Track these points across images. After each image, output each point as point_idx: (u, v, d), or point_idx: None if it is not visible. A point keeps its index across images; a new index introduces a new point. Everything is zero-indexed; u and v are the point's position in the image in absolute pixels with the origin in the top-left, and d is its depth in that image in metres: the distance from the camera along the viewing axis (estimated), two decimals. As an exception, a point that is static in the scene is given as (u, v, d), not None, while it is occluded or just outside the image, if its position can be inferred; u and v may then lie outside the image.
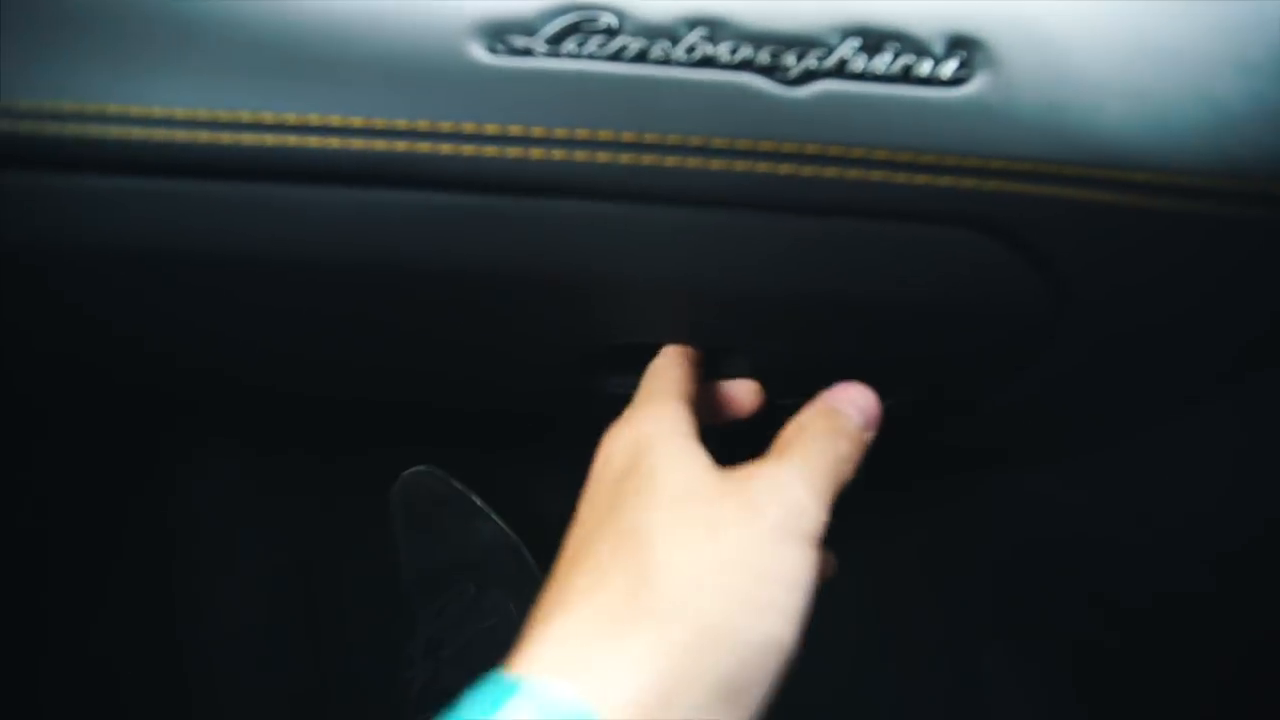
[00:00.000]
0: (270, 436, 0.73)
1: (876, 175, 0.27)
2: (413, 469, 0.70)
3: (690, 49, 0.29)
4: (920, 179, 0.27)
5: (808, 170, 0.27)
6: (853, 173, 0.27)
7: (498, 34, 0.29)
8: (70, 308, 0.37)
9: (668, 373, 0.34)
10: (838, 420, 0.31)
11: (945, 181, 0.27)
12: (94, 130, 0.28)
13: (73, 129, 0.28)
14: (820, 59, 0.28)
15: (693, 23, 0.29)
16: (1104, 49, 0.28)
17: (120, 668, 0.67)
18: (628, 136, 0.28)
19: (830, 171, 0.27)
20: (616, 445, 0.30)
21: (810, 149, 0.27)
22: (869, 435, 0.31)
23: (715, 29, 0.29)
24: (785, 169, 0.27)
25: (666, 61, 0.29)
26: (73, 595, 0.67)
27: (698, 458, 0.28)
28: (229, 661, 0.71)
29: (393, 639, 0.70)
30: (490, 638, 0.67)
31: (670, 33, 0.29)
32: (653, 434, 0.30)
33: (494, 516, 0.71)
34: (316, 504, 0.75)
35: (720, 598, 0.24)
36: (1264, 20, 0.31)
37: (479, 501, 0.71)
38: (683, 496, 0.27)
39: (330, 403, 0.57)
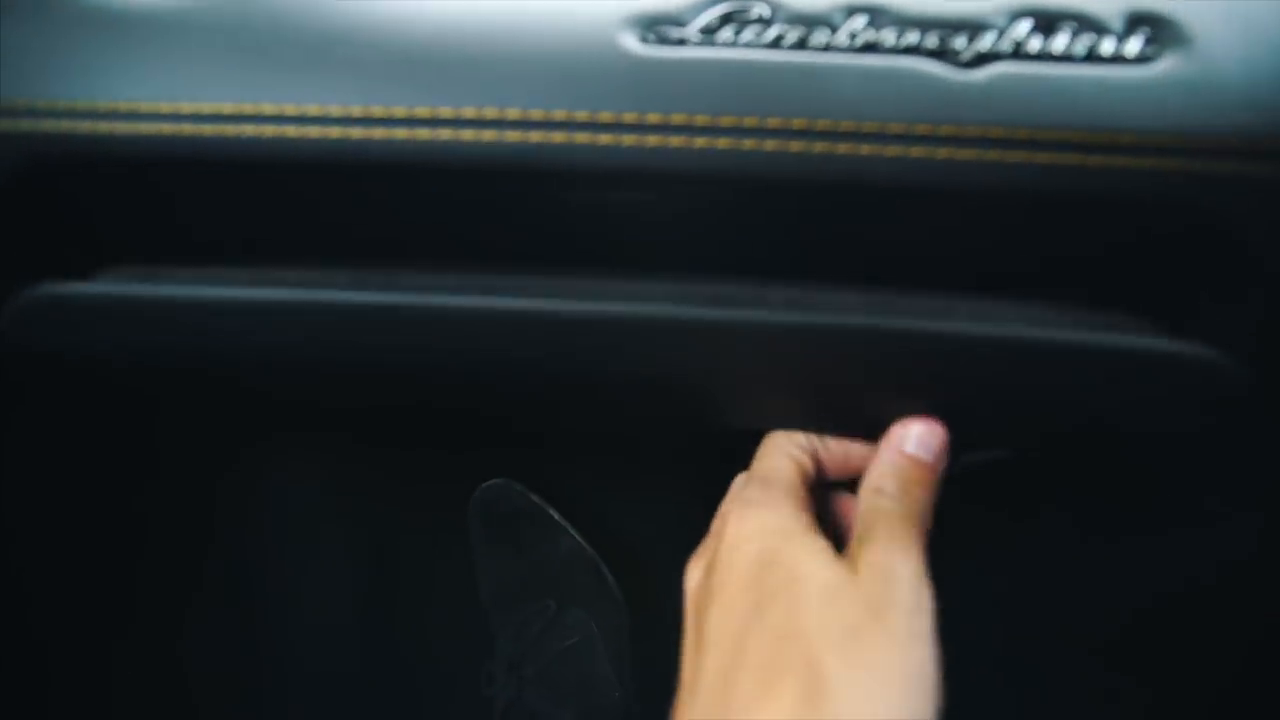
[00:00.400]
0: (357, 433, 0.72)
1: (1069, 159, 0.26)
2: (490, 482, 0.69)
3: (853, 34, 0.28)
4: (1119, 161, 0.25)
5: (992, 155, 0.26)
6: (1042, 156, 0.26)
7: (650, 25, 0.28)
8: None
9: (787, 452, 0.34)
10: (911, 471, 0.31)
11: (1148, 163, 0.25)
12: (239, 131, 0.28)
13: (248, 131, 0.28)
14: (994, 40, 0.27)
15: (850, 10, 0.28)
16: None
17: (201, 657, 0.67)
18: (798, 123, 0.27)
19: (1017, 156, 0.26)
20: (744, 531, 0.31)
21: (995, 132, 0.26)
22: (941, 467, 0.32)
23: (875, 16, 0.28)
24: (967, 154, 0.26)
25: (828, 49, 0.28)
26: (160, 583, 0.67)
27: (826, 551, 0.29)
28: (308, 655, 0.71)
29: (472, 638, 0.69)
30: (572, 657, 0.66)
31: (827, 21, 0.28)
32: (786, 529, 0.30)
33: (573, 531, 0.70)
34: (400, 498, 0.75)
35: (881, 706, 0.25)
36: None
37: (557, 516, 0.70)
38: (828, 597, 0.27)
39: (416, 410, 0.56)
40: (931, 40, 0.27)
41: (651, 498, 0.73)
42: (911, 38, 0.27)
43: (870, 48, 0.27)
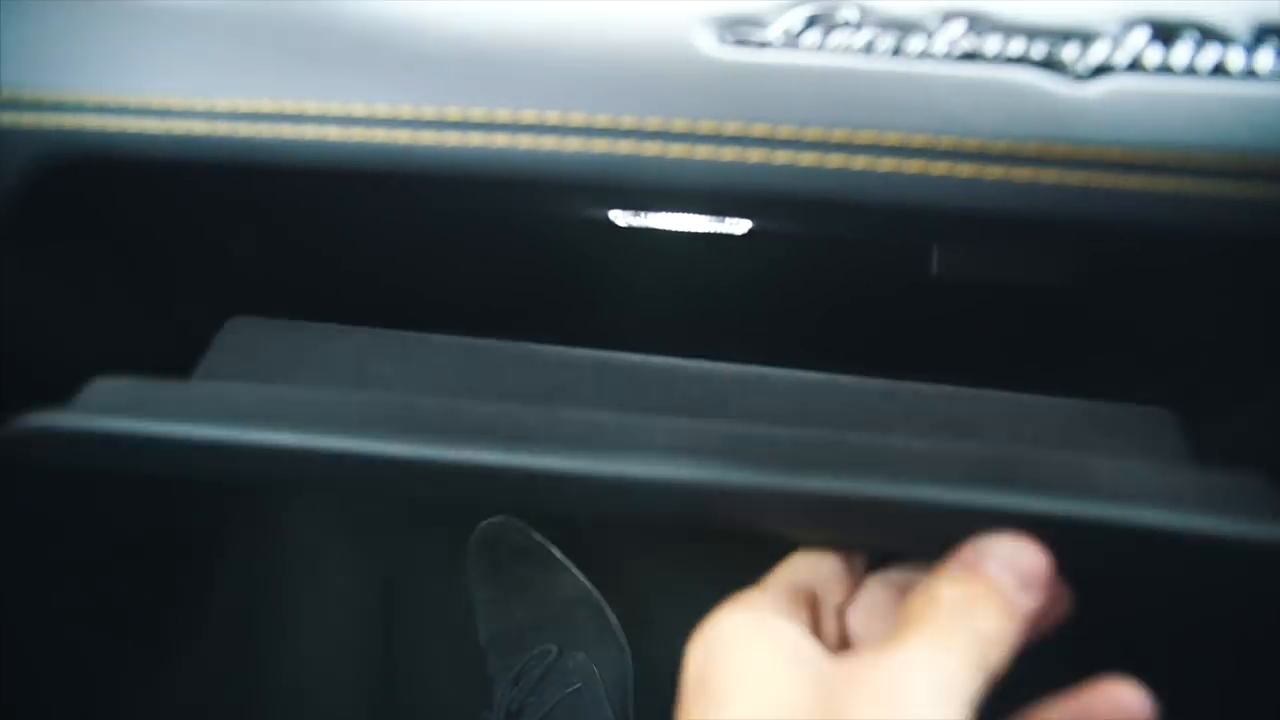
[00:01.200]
0: None
1: (1202, 186, 0.23)
2: (491, 519, 0.65)
3: (952, 42, 0.25)
4: (1258, 190, 0.23)
5: (1108, 179, 0.23)
6: (1166, 183, 0.23)
7: (729, 25, 0.25)
8: None
9: (799, 569, 0.26)
10: (981, 585, 0.23)
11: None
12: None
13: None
14: (1110, 51, 0.24)
15: (947, 15, 0.26)
16: None
17: (202, 688, 0.64)
18: (891, 139, 0.24)
19: (1135, 181, 0.23)
20: (710, 628, 0.24)
21: (1114, 154, 0.23)
22: (1030, 603, 0.23)
23: (975, 22, 0.25)
24: (1077, 178, 0.24)
25: (925, 56, 0.25)
26: (164, 613, 0.64)
27: (783, 653, 0.22)
28: (309, 690, 0.67)
29: (475, 681, 0.65)
30: (574, 704, 0.62)
31: (922, 26, 0.25)
32: (753, 626, 0.23)
33: (575, 570, 0.66)
34: (410, 532, 0.72)
35: None
36: None
37: (559, 554, 0.66)
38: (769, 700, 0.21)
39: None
40: (1039, 49, 0.25)
41: (658, 534, 0.70)
42: (1017, 46, 0.25)
43: (971, 56, 0.25)
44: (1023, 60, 0.25)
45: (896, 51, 0.25)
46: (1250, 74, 0.24)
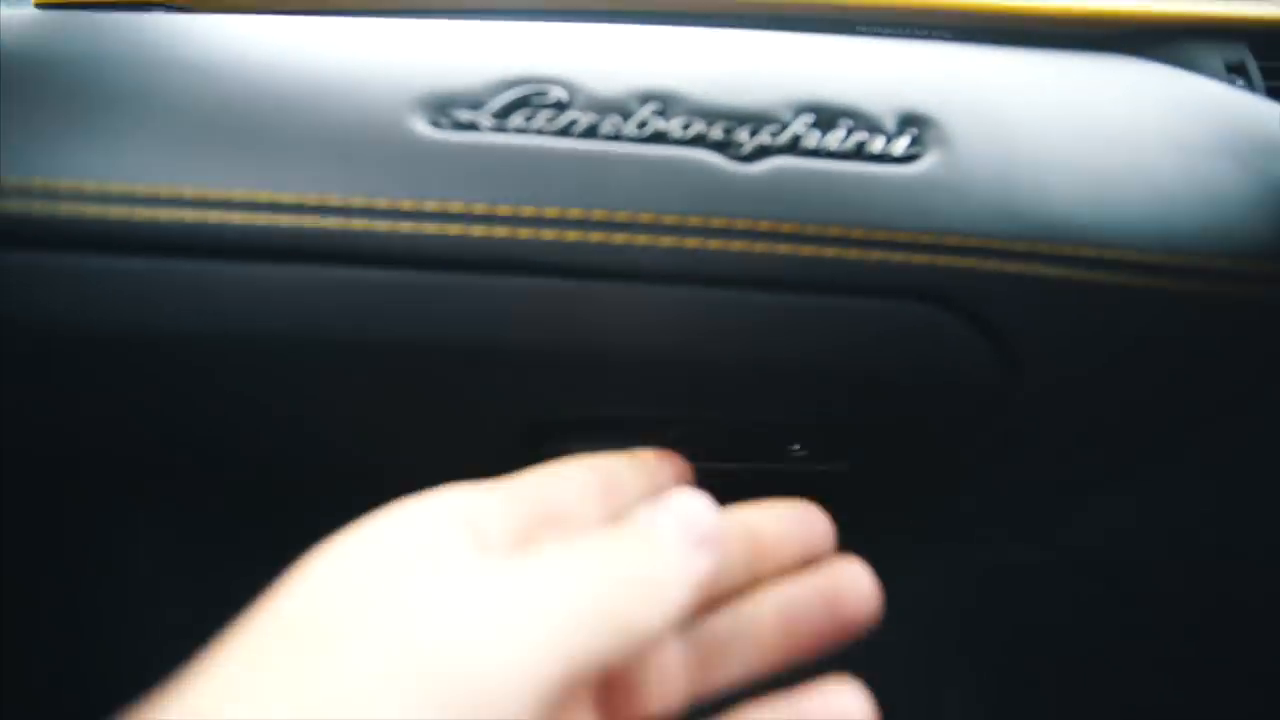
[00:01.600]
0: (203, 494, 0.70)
1: (830, 252, 0.27)
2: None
3: (642, 124, 0.28)
4: (875, 255, 0.26)
5: (760, 247, 0.27)
6: (806, 249, 0.27)
7: (442, 108, 0.28)
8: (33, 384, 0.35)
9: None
10: (645, 541, 0.20)
11: (899, 257, 0.27)
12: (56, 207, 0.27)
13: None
14: (774, 135, 0.28)
15: (645, 97, 0.29)
16: (1050, 129, 0.29)
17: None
18: (574, 213, 0.27)
19: (783, 248, 0.27)
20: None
21: (763, 226, 0.27)
22: (701, 563, 0.21)
23: (668, 104, 0.28)
24: (738, 245, 0.27)
25: (617, 137, 0.28)
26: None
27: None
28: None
29: None
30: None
31: (622, 107, 0.28)
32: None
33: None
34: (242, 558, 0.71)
35: None
36: (1199, 101, 0.32)
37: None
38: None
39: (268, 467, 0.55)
40: (717, 132, 0.28)
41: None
42: (698, 128, 0.28)
43: (657, 137, 0.28)
44: (701, 141, 0.28)
45: (592, 132, 0.28)
46: (885, 157, 0.28)
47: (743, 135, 0.28)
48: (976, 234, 0.27)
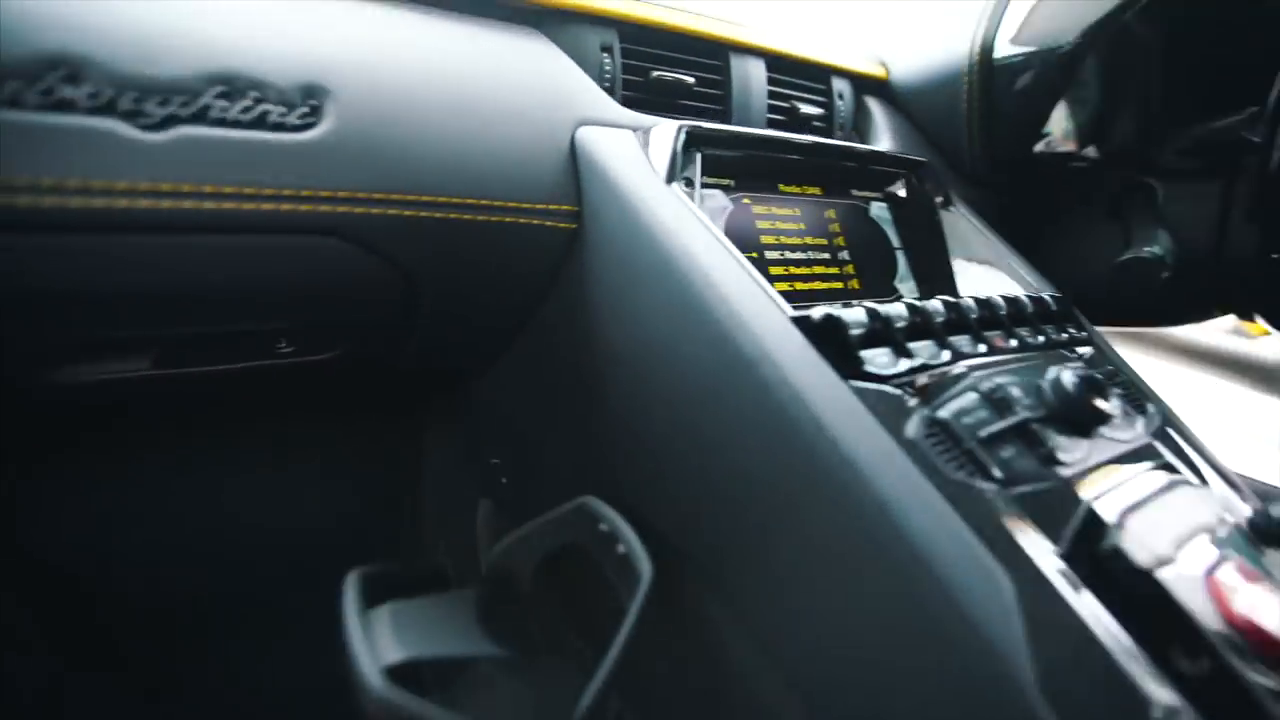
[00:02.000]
0: None
1: (229, 205, 0.32)
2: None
3: (47, 91, 0.30)
4: (284, 207, 0.33)
5: (166, 204, 0.31)
6: (208, 204, 0.32)
7: None
8: None
9: None
10: None
11: (304, 208, 0.33)
12: None
13: None
14: (183, 105, 0.32)
15: (54, 62, 0.31)
16: (430, 98, 0.37)
17: None
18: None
19: (188, 204, 0.32)
20: None
21: (164, 187, 0.31)
22: None
23: (78, 71, 0.31)
24: (145, 204, 0.31)
25: (16, 104, 0.30)
26: None
27: None
28: None
29: None
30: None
31: (28, 72, 0.30)
32: None
33: None
34: None
35: None
36: (543, 80, 0.42)
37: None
38: None
39: None
40: (127, 102, 0.31)
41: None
42: (107, 97, 0.31)
43: (64, 105, 0.30)
44: (110, 110, 0.31)
45: (14, 103, 0.30)
46: (281, 125, 0.33)
47: (152, 105, 0.32)
48: (361, 189, 0.34)
